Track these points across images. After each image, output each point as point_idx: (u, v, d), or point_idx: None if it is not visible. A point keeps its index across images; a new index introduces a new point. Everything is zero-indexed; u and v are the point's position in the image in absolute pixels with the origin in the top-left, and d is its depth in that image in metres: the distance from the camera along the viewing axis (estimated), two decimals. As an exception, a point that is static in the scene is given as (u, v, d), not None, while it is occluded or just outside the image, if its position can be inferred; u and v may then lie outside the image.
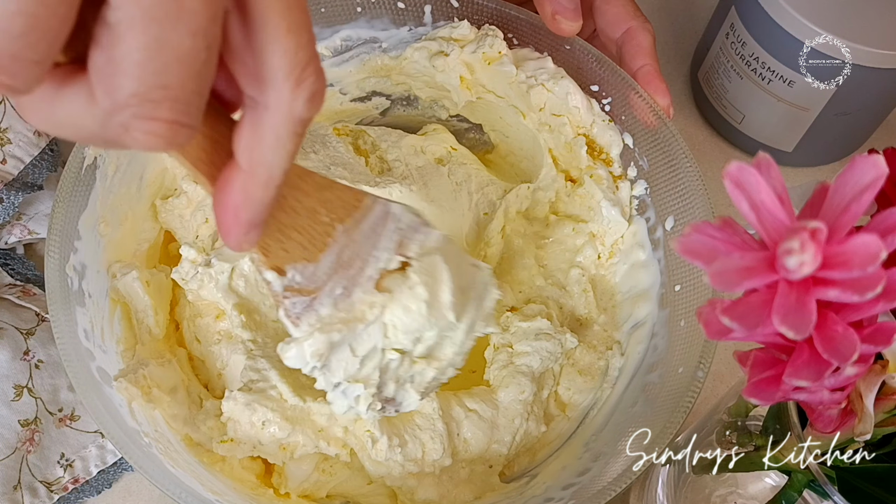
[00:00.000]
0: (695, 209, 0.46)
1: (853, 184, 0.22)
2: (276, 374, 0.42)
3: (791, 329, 0.22)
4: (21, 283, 0.54)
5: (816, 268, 0.21)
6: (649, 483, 0.45)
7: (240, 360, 0.43)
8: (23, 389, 0.49)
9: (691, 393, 0.40)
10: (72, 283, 0.42)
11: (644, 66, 0.49)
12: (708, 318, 0.24)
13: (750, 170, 0.22)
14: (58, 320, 0.40)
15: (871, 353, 0.25)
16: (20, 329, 0.50)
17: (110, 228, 0.46)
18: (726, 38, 0.59)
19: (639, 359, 0.47)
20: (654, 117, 0.47)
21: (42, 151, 0.53)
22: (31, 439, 0.48)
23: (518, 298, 0.52)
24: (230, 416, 0.42)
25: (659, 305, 0.47)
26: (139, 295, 0.45)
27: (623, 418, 0.45)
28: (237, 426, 0.42)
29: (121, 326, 0.45)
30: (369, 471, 0.43)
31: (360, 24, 0.52)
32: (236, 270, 0.44)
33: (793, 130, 0.60)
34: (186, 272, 0.45)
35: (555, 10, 0.48)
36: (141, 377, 0.43)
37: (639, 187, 0.50)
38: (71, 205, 0.43)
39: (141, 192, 0.48)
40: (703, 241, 0.23)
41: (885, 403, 0.29)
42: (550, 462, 0.46)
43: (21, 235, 0.54)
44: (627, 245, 0.51)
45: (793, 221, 0.22)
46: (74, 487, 0.48)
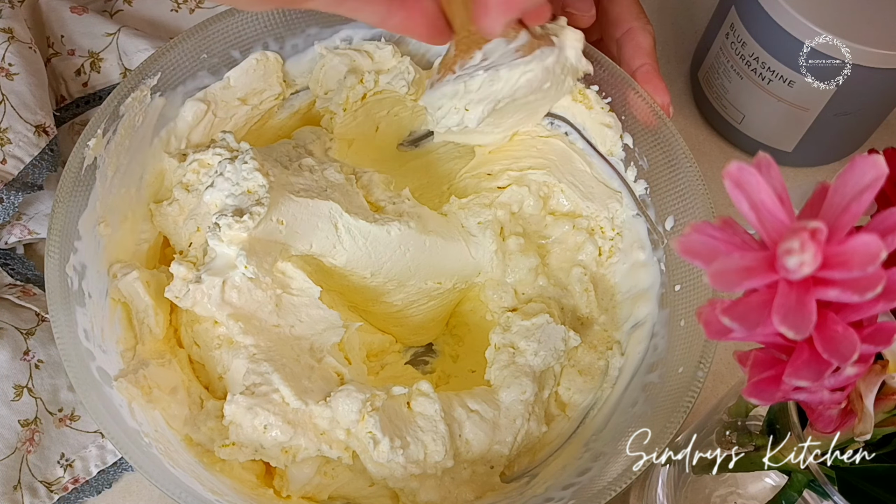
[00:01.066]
0: (695, 209, 0.46)
1: (853, 184, 0.22)
2: (279, 377, 0.42)
3: (791, 329, 0.22)
4: (21, 283, 0.54)
5: (816, 268, 0.21)
6: (649, 483, 0.45)
7: (241, 365, 0.43)
8: (23, 389, 0.49)
9: (691, 393, 0.40)
10: (72, 283, 0.42)
11: (643, 65, 0.49)
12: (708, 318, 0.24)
13: (750, 170, 0.22)
14: (58, 320, 0.40)
15: (871, 353, 0.25)
16: (20, 329, 0.50)
17: (110, 229, 0.46)
18: (726, 38, 0.59)
19: (639, 359, 0.47)
20: (653, 116, 0.47)
21: (42, 151, 0.53)
22: (31, 439, 0.48)
23: (520, 299, 0.52)
24: (232, 419, 0.42)
25: (659, 305, 0.47)
26: (140, 295, 0.45)
27: (623, 418, 0.45)
28: (239, 430, 0.42)
29: (121, 326, 0.45)
30: (371, 473, 0.43)
31: (360, 23, 0.52)
32: (228, 283, 0.43)
33: (793, 130, 0.60)
34: (179, 290, 0.44)
35: (566, 2, 0.49)
36: (141, 377, 0.43)
37: (639, 187, 0.50)
38: (71, 205, 0.43)
39: (140, 193, 0.48)
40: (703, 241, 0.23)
41: (885, 403, 0.29)
42: (551, 462, 0.46)
43: (21, 235, 0.54)
44: (627, 244, 0.51)
45: (793, 221, 0.22)
46: (74, 487, 0.48)
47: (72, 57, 0.59)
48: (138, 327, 0.46)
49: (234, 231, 0.43)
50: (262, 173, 0.44)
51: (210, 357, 0.46)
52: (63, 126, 0.59)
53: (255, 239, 0.44)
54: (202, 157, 0.47)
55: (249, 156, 0.45)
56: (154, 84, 0.47)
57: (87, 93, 0.60)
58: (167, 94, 0.48)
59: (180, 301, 0.44)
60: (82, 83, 0.60)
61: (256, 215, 0.43)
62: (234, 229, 0.43)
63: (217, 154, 0.47)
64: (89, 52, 0.59)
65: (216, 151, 0.47)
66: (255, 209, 0.43)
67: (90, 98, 0.60)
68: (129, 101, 0.46)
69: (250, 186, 0.44)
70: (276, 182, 0.45)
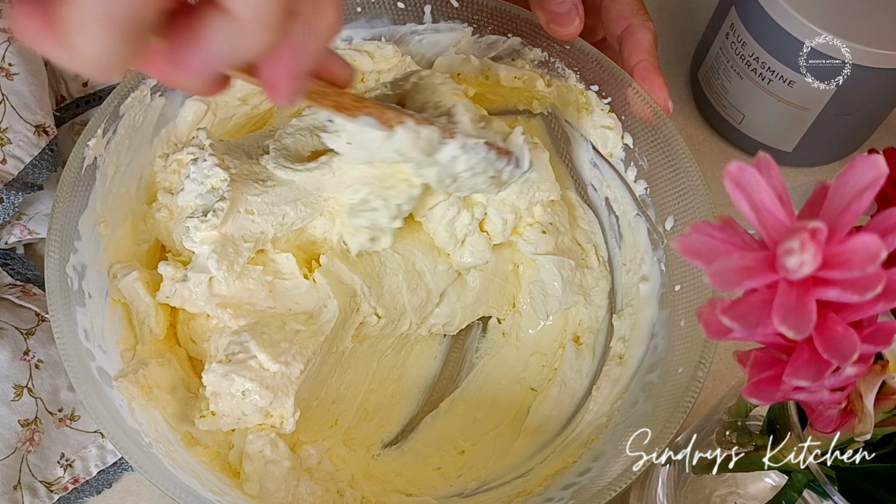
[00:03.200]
0: (695, 209, 0.46)
1: (853, 184, 0.22)
2: (255, 344, 0.42)
3: (791, 329, 0.22)
4: (21, 283, 0.54)
5: (816, 268, 0.21)
6: (649, 483, 0.45)
7: (225, 340, 0.43)
8: (23, 389, 0.49)
9: (691, 393, 0.40)
10: (72, 284, 0.42)
11: (641, 61, 0.49)
12: (708, 318, 0.24)
13: (750, 170, 0.22)
14: (58, 321, 0.40)
15: (871, 353, 0.25)
16: (20, 329, 0.50)
17: (110, 229, 0.46)
18: (726, 38, 0.59)
19: (639, 358, 0.47)
20: (652, 114, 0.47)
21: (42, 151, 0.53)
22: (31, 439, 0.48)
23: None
24: (212, 388, 0.42)
25: (659, 305, 0.47)
26: (140, 296, 0.45)
27: (623, 418, 0.45)
28: (218, 399, 0.42)
29: (121, 326, 0.45)
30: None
31: (360, 23, 0.52)
32: (214, 279, 0.44)
33: (793, 130, 0.60)
34: (168, 290, 0.45)
35: (549, 19, 0.48)
36: (141, 377, 0.43)
37: (639, 187, 0.50)
38: (71, 205, 0.43)
39: (140, 193, 0.48)
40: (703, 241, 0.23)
41: (885, 403, 0.29)
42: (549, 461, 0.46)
43: (21, 235, 0.54)
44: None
45: (793, 221, 0.22)
46: (74, 487, 0.48)
47: (72, 57, 0.59)
48: (138, 327, 0.46)
49: (203, 232, 0.43)
50: (223, 167, 0.44)
51: (204, 351, 0.46)
52: (63, 126, 0.59)
53: (227, 237, 0.44)
54: (179, 157, 0.47)
55: (208, 153, 0.45)
56: (154, 84, 0.47)
57: (87, 93, 0.60)
58: (167, 94, 0.48)
59: (171, 300, 0.45)
60: (82, 83, 0.60)
61: (220, 211, 0.43)
62: (203, 230, 0.43)
63: (190, 153, 0.47)
64: (89, 52, 0.59)
65: (189, 150, 0.47)
66: (218, 205, 0.43)
67: (90, 98, 0.60)
68: (129, 100, 0.46)
69: (213, 183, 0.44)
70: (239, 174, 0.45)
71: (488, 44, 0.53)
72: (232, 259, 0.44)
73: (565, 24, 0.48)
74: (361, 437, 0.50)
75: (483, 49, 0.53)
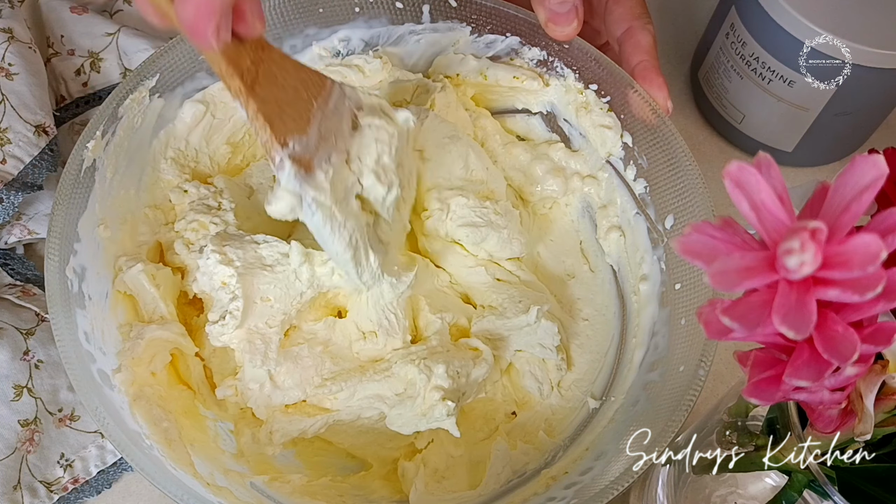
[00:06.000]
0: (695, 208, 0.46)
1: (853, 184, 0.22)
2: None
3: (791, 329, 0.22)
4: (21, 283, 0.54)
5: (816, 268, 0.21)
6: (649, 483, 0.45)
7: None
8: (23, 389, 0.49)
9: (693, 391, 0.40)
10: (72, 286, 0.42)
11: (641, 61, 0.49)
12: (708, 317, 0.24)
13: (750, 170, 0.22)
14: (58, 323, 0.40)
15: (871, 353, 0.25)
16: (20, 329, 0.50)
17: (110, 231, 0.46)
18: (726, 38, 0.59)
19: (640, 358, 0.47)
20: (651, 113, 0.47)
21: (42, 151, 0.53)
22: (30, 439, 0.48)
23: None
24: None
25: (659, 304, 0.47)
26: (145, 287, 0.45)
27: (624, 417, 0.45)
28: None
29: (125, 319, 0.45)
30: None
31: (358, 24, 0.52)
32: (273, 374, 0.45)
33: (793, 130, 0.60)
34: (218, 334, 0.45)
35: (548, 18, 0.48)
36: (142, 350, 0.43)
37: (638, 186, 0.50)
38: (70, 207, 0.43)
39: (140, 195, 0.48)
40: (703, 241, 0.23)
41: (885, 403, 0.29)
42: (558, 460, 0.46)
43: (21, 235, 0.54)
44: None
45: (793, 221, 0.22)
46: (74, 487, 0.48)
47: (72, 57, 0.59)
48: (148, 319, 0.46)
49: (226, 335, 0.44)
50: (226, 263, 0.44)
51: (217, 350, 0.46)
52: (63, 126, 0.59)
53: (251, 331, 0.44)
54: (201, 219, 0.47)
55: (210, 249, 0.44)
56: (153, 85, 0.47)
57: (86, 93, 0.60)
58: (166, 96, 0.48)
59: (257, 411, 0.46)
60: (82, 83, 0.60)
61: (236, 311, 0.43)
62: (226, 335, 0.44)
63: (213, 223, 0.47)
64: (89, 52, 0.59)
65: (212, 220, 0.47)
66: (232, 307, 0.44)
67: (90, 98, 0.60)
68: (127, 102, 0.46)
69: (222, 279, 0.44)
70: (244, 265, 0.44)
71: (486, 43, 0.53)
72: (263, 350, 0.44)
73: (564, 23, 0.48)
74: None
75: (481, 48, 0.53)
